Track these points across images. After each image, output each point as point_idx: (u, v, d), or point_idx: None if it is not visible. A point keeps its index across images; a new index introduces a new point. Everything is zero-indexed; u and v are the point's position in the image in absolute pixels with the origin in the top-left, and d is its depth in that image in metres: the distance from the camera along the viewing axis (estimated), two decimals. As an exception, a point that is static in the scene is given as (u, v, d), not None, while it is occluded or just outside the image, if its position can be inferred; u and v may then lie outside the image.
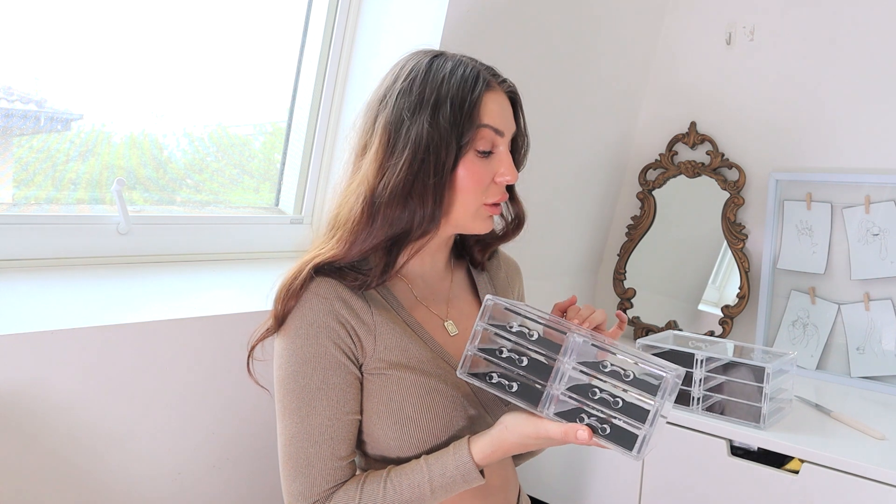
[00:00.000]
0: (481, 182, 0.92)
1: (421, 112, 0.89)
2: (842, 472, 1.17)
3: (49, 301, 1.12)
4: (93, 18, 1.27)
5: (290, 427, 0.89)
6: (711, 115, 1.91)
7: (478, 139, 0.91)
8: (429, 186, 0.88)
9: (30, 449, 1.02)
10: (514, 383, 0.85)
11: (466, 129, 0.89)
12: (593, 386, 0.82)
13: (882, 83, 1.65)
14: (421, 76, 0.92)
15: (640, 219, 2.00)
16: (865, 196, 1.65)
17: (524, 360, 0.86)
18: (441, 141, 0.88)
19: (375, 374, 0.91)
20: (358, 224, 0.89)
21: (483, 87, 0.92)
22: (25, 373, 1.00)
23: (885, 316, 1.61)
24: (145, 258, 1.35)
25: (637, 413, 0.79)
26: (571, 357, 0.83)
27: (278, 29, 1.56)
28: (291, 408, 0.89)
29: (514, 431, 0.85)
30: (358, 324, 0.90)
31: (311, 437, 0.88)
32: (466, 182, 0.91)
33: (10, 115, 1.23)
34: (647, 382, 0.80)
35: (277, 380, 0.91)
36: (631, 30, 1.89)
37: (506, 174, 0.93)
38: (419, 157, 0.88)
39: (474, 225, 0.95)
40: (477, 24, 1.46)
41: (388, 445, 0.91)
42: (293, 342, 0.89)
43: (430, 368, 0.92)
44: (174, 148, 1.45)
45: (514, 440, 0.85)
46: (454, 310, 1.02)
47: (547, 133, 1.77)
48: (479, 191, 0.92)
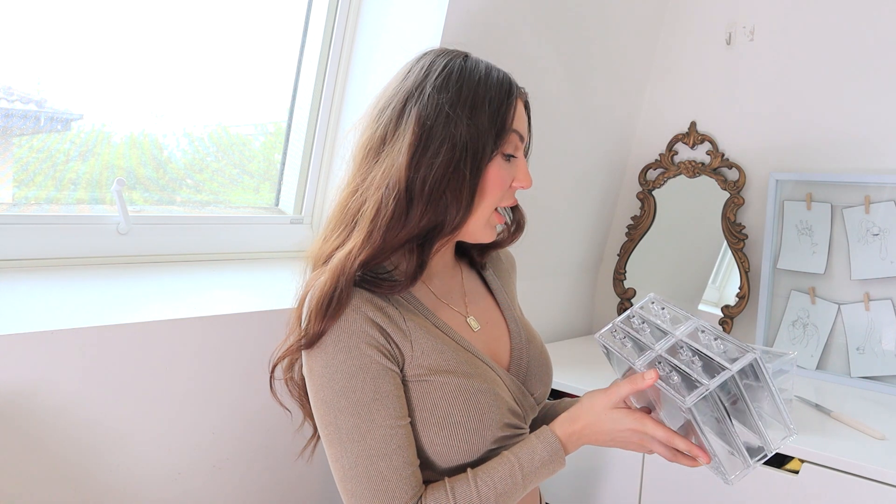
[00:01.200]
0: (503, 185, 0.94)
1: (460, 109, 0.90)
2: (842, 472, 1.17)
3: (49, 301, 1.12)
4: (93, 18, 1.27)
5: (352, 448, 0.85)
6: (711, 115, 1.91)
7: (507, 143, 0.93)
8: (465, 184, 0.89)
9: (30, 449, 1.02)
10: (628, 343, 0.91)
11: (501, 132, 0.92)
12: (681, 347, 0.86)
13: (882, 83, 1.65)
14: (457, 74, 0.92)
15: (640, 219, 1.99)
16: (865, 196, 1.65)
17: (647, 331, 0.91)
18: (479, 140, 0.89)
19: (417, 381, 0.89)
20: (391, 216, 0.87)
21: (516, 92, 0.95)
22: (25, 373, 1.00)
23: (885, 316, 1.61)
24: (145, 258, 1.35)
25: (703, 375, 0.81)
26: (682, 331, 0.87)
27: (278, 29, 1.56)
28: (348, 427, 0.85)
29: (589, 406, 0.90)
30: (394, 330, 0.89)
31: (379, 451, 0.84)
32: (493, 184, 0.92)
33: (10, 115, 1.23)
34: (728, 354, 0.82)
35: (323, 402, 0.86)
36: (631, 30, 1.89)
37: (523, 180, 0.96)
38: (457, 154, 0.88)
39: (483, 232, 0.96)
40: (477, 24, 1.46)
41: (435, 450, 0.89)
42: (335, 358, 0.86)
43: (469, 370, 0.92)
44: (174, 148, 1.45)
45: (589, 416, 0.90)
46: (472, 305, 1.03)
47: (547, 133, 1.77)
48: (500, 194, 0.94)
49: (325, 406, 0.86)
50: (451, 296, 1.01)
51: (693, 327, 0.88)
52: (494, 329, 1.03)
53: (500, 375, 0.96)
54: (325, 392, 0.86)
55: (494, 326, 1.04)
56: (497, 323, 1.04)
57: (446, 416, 0.88)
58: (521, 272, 1.86)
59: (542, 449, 0.89)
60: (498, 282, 1.10)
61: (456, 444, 0.89)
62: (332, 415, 0.85)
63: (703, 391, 0.80)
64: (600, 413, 0.90)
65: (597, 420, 0.90)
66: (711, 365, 0.82)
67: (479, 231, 0.95)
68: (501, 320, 1.05)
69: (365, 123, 0.95)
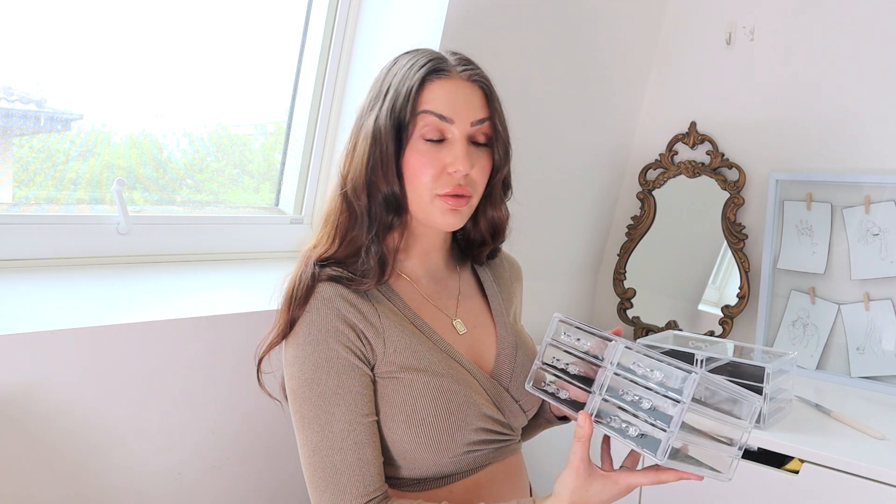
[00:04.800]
0: (428, 169, 0.90)
1: (374, 103, 0.94)
2: (842, 472, 1.17)
3: (49, 301, 1.12)
4: (93, 19, 1.27)
5: (311, 437, 0.88)
6: (711, 115, 1.91)
7: (420, 126, 0.90)
8: (380, 173, 0.91)
9: (30, 449, 1.02)
10: (564, 392, 0.89)
11: (404, 116, 0.90)
12: (622, 391, 0.82)
13: (882, 83, 1.65)
14: (382, 73, 0.96)
15: (640, 219, 1.99)
16: (865, 196, 1.65)
17: (575, 368, 0.88)
18: (384, 128, 0.91)
19: (387, 378, 0.90)
20: (337, 217, 0.94)
21: (426, 73, 0.91)
22: (25, 373, 1.00)
23: (885, 316, 1.61)
24: (145, 258, 1.35)
25: (663, 416, 0.77)
26: (612, 365, 0.83)
27: (278, 29, 1.56)
28: (310, 417, 0.88)
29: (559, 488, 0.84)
30: (366, 326, 0.90)
31: (335, 444, 0.86)
32: (413, 169, 0.91)
33: (10, 115, 1.23)
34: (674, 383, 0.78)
35: (291, 390, 0.90)
36: (631, 30, 1.89)
37: (454, 164, 0.90)
38: (369, 147, 0.91)
39: (435, 218, 0.93)
40: (477, 24, 1.46)
41: (402, 448, 0.90)
42: (303, 349, 0.88)
43: (440, 369, 0.91)
44: (174, 148, 1.45)
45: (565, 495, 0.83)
46: (462, 308, 1.02)
47: (547, 133, 1.77)
48: (427, 179, 0.90)
49: (293, 394, 0.89)
50: (440, 297, 1.00)
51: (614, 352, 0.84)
52: (482, 333, 1.02)
53: (479, 379, 0.95)
54: (293, 381, 0.89)
55: (482, 331, 1.02)
56: (486, 327, 1.03)
57: (412, 413, 0.88)
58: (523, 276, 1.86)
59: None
60: (495, 287, 1.08)
61: (423, 442, 0.89)
62: (298, 403, 0.89)
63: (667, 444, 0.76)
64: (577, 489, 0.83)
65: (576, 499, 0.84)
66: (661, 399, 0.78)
67: (430, 216, 0.92)
68: (491, 325, 1.04)
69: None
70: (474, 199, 0.94)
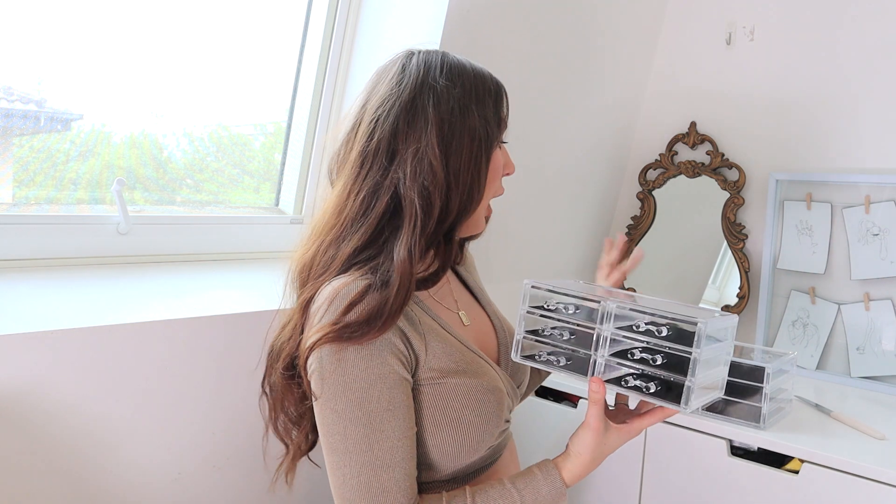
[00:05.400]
0: (500, 173, 0.97)
1: (469, 101, 0.92)
2: (842, 472, 1.17)
3: (49, 301, 1.12)
4: (93, 18, 1.27)
5: (357, 458, 0.83)
6: (711, 115, 1.91)
7: (501, 133, 0.96)
8: (482, 173, 0.92)
9: (30, 449, 1.02)
10: (562, 358, 0.90)
11: (501, 122, 0.95)
12: (633, 347, 0.85)
13: (882, 83, 1.65)
14: (457, 69, 0.94)
15: (640, 219, 1.99)
16: (865, 196, 1.65)
17: (565, 335, 0.90)
18: (489, 131, 0.92)
19: (429, 384, 0.88)
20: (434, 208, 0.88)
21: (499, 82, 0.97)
22: (25, 373, 1.00)
23: (885, 316, 1.61)
24: (145, 258, 1.35)
25: (681, 367, 0.81)
26: (609, 323, 0.86)
27: (278, 29, 1.56)
28: (356, 437, 0.83)
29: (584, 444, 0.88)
30: (413, 333, 0.88)
31: (385, 462, 0.83)
32: (495, 172, 0.95)
33: (10, 115, 1.23)
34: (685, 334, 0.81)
35: (333, 411, 0.84)
36: (631, 30, 1.89)
37: (510, 167, 0.99)
38: (475, 145, 0.91)
39: (482, 221, 0.98)
40: (477, 24, 1.46)
41: (442, 452, 0.89)
42: (354, 366, 0.83)
43: (476, 369, 0.92)
44: (174, 148, 1.45)
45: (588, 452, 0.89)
46: (459, 301, 1.04)
47: (547, 133, 1.77)
48: (498, 182, 0.97)
49: (336, 415, 0.84)
50: (441, 293, 1.01)
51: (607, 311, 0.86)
52: (481, 324, 1.04)
53: (496, 370, 0.97)
54: (338, 401, 0.83)
55: (480, 321, 1.04)
56: (481, 318, 1.05)
57: (458, 417, 0.88)
58: (522, 272, 1.87)
59: (548, 492, 0.88)
60: (472, 278, 1.11)
61: (466, 443, 0.89)
62: (342, 424, 0.83)
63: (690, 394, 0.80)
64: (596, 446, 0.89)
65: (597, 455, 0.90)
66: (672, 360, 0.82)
67: (481, 220, 0.98)
68: (484, 315, 1.06)
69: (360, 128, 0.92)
70: None
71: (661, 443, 1.37)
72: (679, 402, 0.80)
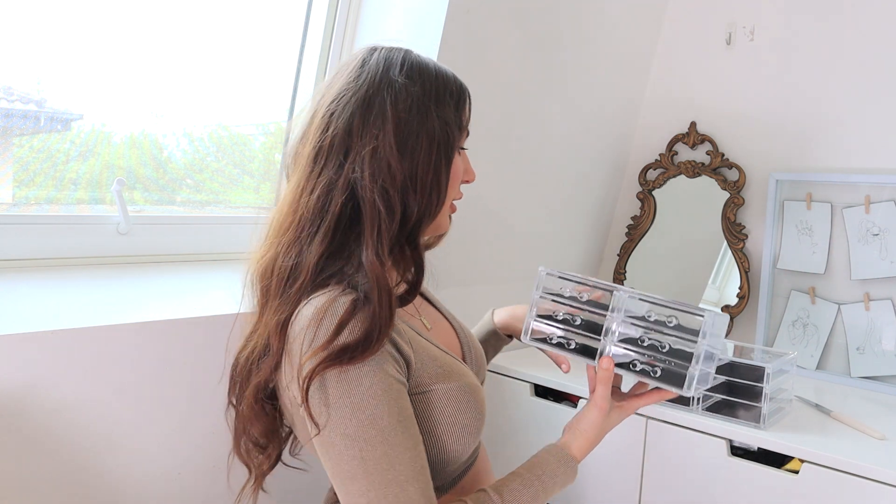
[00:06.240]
0: (460, 180, 0.95)
1: (427, 101, 0.88)
2: (842, 472, 1.17)
3: (49, 301, 1.12)
4: (93, 18, 1.27)
5: (380, 479, 0.78)
6: (711, 115, 1.91)
7: (462, 138, 0.94)
8: (442, 176, 0.89)
9: (29, 449, 1.02)
10: (573, 342, 0.97)
11: (461, 126, 0.93)
12: (641, 337, 0.93)
13: (882, 83, 1.65)
14: (417, 67, 0.90)
15: (640, 219, 1.99)
16: (865, 196, 1.65)
17: (578, 320, 0.97)
18: (449, 133, 0.89)
19: (421, 394, 0.87)
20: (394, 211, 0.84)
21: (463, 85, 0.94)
22: (25, 373, 1.00)
23: (885, 316, 1.61)
24: (145, 258, 1.35)
25: (683, 355, 0.89)
26: (620, 312, 0.94)
27: (278, 29, 1.56)
28: (375, 458, 0.78)
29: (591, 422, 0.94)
30: (399, 339, 0.86)
31: (407, 476, 0.79)
32: (456, 176, 0.93)
33: (10, 115, 1.23)
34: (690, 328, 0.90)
35: (344, 436, 0.79)
36: (631, 30, 1.89)
37: (470, 174, 0.97)
38: (434, 147, 0.88)
39: (444, 222, 0.96)
40: (477, 25, 1.46)
41: (443, 458, 0.88)
42: (359, 385, 0.79)
43: (455, 370, 0.91)
44: (174, 148, 1.45)
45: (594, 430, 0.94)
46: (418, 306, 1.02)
47: (547, 133, 1.77)
48: (457, 188, 0.95)
49: (349, 440, 0.79)
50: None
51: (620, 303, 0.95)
52: (440, 326, 1.03)
53: (467, 368, 0.96)
54: (348, 425, 0.78)
55: (439, 323, 1.04)
56: (438, 319, 1.04)
57: (454, 421, 0.87)
58: (521, 272, 1.87)
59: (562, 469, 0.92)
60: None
61: (464, 446, 0.89)
62: (357, 448, 0.78)
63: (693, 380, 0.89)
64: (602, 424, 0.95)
65: (600, 432, 0.95)
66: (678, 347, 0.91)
67: (444, 221, 0.96)
68: (439, 315, 1.05)
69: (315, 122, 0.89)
70: None
71: (661, 443, 1.37)
72: (681, 386, 0.89)
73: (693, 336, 0.89)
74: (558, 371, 1.11)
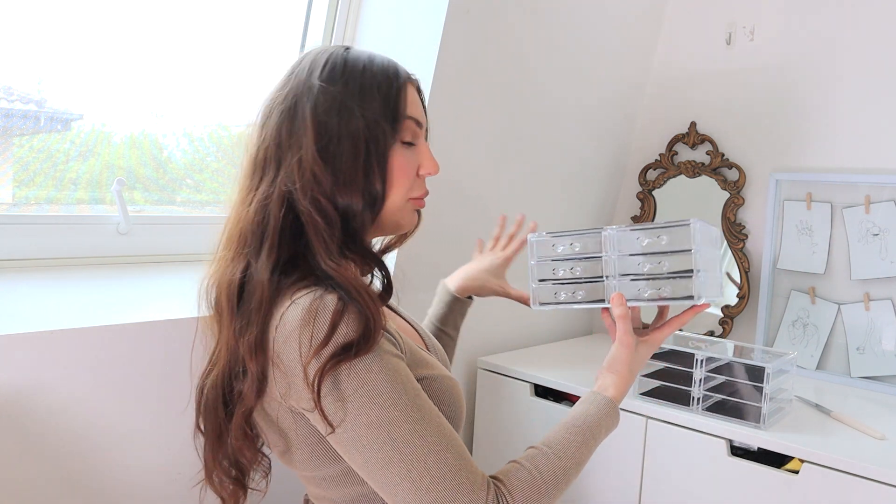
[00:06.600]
0: (409, 174, 0.89)
1: (350, 100, 0.86)
2: (842, 472, 1.17)
3: (49, 301, 1.12)
4: (93, 18, 1.27)
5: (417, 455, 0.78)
6: (711, 115, 1.91)
7: (404, 130, 0.89)
8: (373, 176, 0.85)
9: (29, 449, 1.02)
10: (579, 291, 1.00)
11: (396, 120, 0.87)
12: (638, 263, 0.96)
13: (882, 83, 1.65)
14: (341, 65, 0.88)
15: (640, 219, 1.99)
16: (865, 196, 1.65)
17: (578, 270, 1.00)
18: (376, 130, 0.85)
19: None
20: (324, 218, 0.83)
21: (403, 78, 0.90)
22: (25, 373, 1.00)
23: (885, 316, 1.61)
24: (145, 258, 1.35)
25: (684, 269, 0.93)
26: (613, 249, 0.98)
27: (278, 29, 1.56)
28: (405, 436, 0.78)
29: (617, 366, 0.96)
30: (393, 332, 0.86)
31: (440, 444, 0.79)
32: (399, 173, 0.88)
33: (10, 115, 1.23)
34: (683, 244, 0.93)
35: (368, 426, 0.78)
36: (631, 29, 1.89)
37: (429, 167, 0.92)
38: (359, 146, 0.85)
39: (405, 219, 0.92)
40: (477, 24, 1.46)
41: None
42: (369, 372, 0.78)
43: (433, 362, 0.92)
44: (174, 148, 1.45)
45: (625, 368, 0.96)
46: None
47: (547, 133, 1.77)
48: (408, 183, 0.89)
49: (373, 428, 0.78)
50: None
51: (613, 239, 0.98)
52: (403, 329, 1.01)
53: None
54: (369, 413, 0.78)
55: (402, 326, 1.02)
56: (401, 322, 1.03)
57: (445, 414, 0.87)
58: (520, 272, 1.86)
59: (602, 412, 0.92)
60: None
61: None
62: (385, 432, 0.78)
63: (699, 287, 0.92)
64: (632, 361, 0.97)
65: (633, 369, 0.97)
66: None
67: (399, 218, 0.91)
68: (401, 320, 1.04)
69: (251, 133, 0.90)
70: None
71: (661, 443, 1.37)
72: (691, 294, 0.92)
73: (685, 247, 0.93)
74: (559, 371, 1.11)
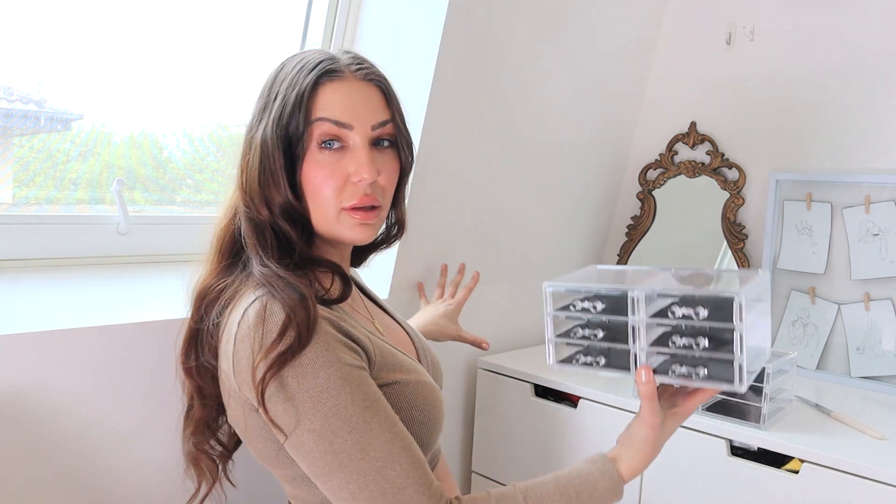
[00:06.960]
0: (331, 181, 0.84)
1: (261, 113, 0.86)
2: (842, 472, 1.17)
3: (49, 301, 1.12)
4: (93, 18, 1.27)
5: (356, 468, 0.76)
6: (711, 115, 1.91)
7: (316, 134, 0.83)
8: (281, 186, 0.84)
9: (30, 449, 1.03)
10: (601, 357, 0.85)
11: (297, 125, 0.83)
12: (672, 335, 0.80)
13: (882, 83, 1.65)
14: (269, 79, 0.89)
15: (640, 219, 2.00)
16: (865, 196, 1.65)
17: (599, 333, 0.84)
18: (272, 140, 0.83)
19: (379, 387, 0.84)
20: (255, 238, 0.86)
21: (317, 76, 0.84)
22: (25, 373, 1.00)
23: (885, 316, 1.61)
24: (145, 258, 1.35)
25: (724, 344, 0.76)
26: (641, 312, 0.80)
27: (278, 29, 1.56)
28: (347, 448, 0.76)
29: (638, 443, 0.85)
30: (358, 334, 0.84)
31: (385, 460, 0.77)
32: (316, 181, 0.84)
33: (10, 115, 1.23)
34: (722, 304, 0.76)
35: (310, 432, 0.76)
36: (631, 30, 1.89)
37: (359, 172, 0.84)
38: (265, 157, 0.84)
39: (343, 234, 0.87)
40: (477, 24, 1.46)
41: None
42: (315, 378, 0.76)
43: (416, 368, 0.91)
44: (174, 148, 1.45)
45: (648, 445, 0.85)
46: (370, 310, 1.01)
47: (547, 133, 1.77)
48: (330, 192, 0.84)
49: (317, 435, 0.76)
50: (355, 303, 0.96)
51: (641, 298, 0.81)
52: (394, 331, 1.01)
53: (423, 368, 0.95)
54: (313, 420, 0.76)
55: (393, 329, 1.02)
56: (392, 324, 1.03)
57: (409, 418, 0.85)
58: (520, 273, 1.87)
59: (605, 484, 0.84)
60: (371, 290, 1.08)
61: (425, 444, 0.87)
62: (327, 441, 0.76)
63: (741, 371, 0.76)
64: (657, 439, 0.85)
65: (655, 447, 0.86)
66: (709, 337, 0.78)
67: (337, 231, 0.87)
68: (393, 322, 1.03)
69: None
70: (384, 209, 0.89)
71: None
72: (731, 381, 0.76)
73: (727, 325, 0.76)
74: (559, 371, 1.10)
